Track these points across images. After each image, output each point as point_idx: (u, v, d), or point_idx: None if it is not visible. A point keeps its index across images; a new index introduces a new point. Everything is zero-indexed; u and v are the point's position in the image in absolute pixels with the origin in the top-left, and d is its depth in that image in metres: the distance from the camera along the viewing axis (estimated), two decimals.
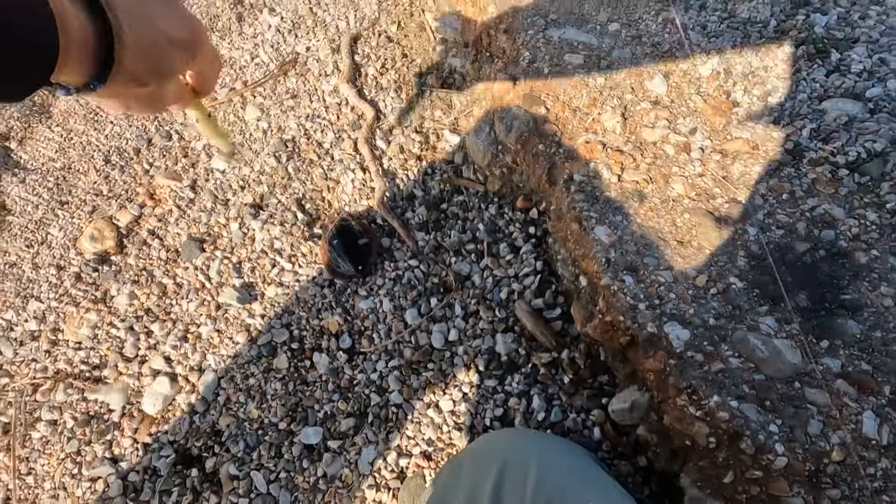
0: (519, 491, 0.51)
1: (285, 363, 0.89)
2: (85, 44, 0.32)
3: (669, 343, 0.67)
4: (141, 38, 0.35)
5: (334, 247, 0.93)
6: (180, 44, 0.40)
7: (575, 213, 0.81)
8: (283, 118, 1.19)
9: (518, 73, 1.01)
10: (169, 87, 0.43)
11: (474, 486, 0.55)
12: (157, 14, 0.37)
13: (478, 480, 0.55)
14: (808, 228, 0.79)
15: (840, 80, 0.96)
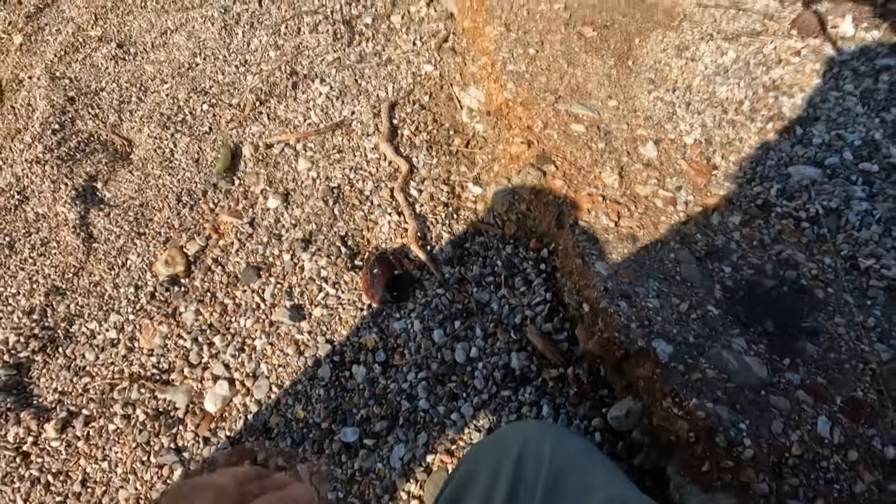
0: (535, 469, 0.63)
1: (328, 373, 1.04)
2: None
3: (656, 355, 0.81)
4: None
5: (374, 276, 1.09)
6: None
7: (579, 251, 0.98)
8: (330, 169, 1.40)
9: (532, 138, 1.22)
10: None
11: (495, 467, 0.66)
12: None
13: (498, 461, 0.67)
14: (774, 269, 0.94)
15: (803, 150, 1.14)
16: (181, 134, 1.51)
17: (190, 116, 1.55)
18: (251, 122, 1.51)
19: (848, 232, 0.98)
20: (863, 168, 1.09)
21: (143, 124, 1.53)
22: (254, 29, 1.75)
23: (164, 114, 1.55)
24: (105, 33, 1.80)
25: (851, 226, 0.99)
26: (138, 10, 1.87)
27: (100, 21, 1.84)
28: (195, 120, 1.54)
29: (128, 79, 1.66)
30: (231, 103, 1.56)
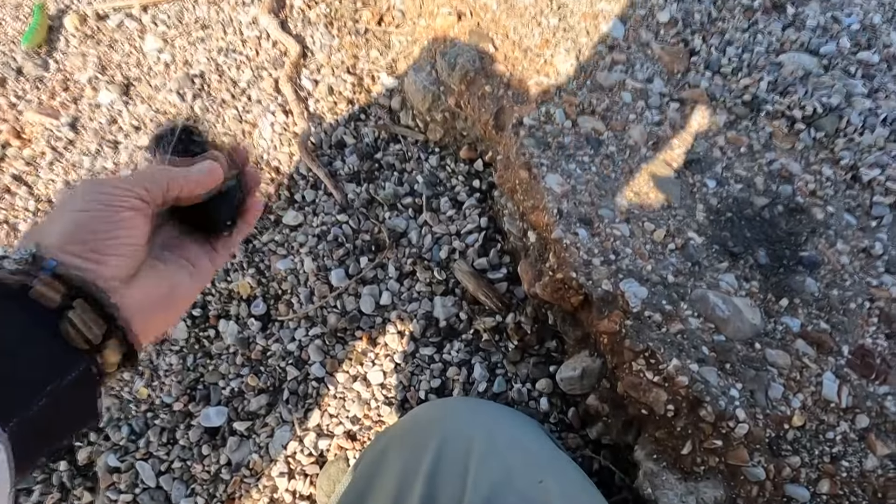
0: (459, 474, 0.42)
1: (184, 333, 0.75)
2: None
3: (626, 302, 0.60)
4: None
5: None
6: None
7: (524, 160, 0.72)
8: (190, 51, 1.01)
9: (464, 9, 0.90)
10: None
11: (406, 469, 0.45)
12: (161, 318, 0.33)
13: (411, 462, 0.45)
14: (766, 183, 0.74)
15: (796, 35, 0.92)
16: None
17: None
18: None
19: (849, 136, 0.79)
20: (861, 58, 0.89)
21: None
22: None
23: None
24: None
25: (853, 128, 0.79)
26: None
27: None
28: None
29: None
30: None
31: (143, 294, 0.30)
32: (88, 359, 0.27)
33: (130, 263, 0.30)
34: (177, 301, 0.34)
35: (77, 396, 0.27)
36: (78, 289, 0.27)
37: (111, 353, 0.28)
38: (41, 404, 0.25)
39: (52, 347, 0.26)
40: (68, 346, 0.27)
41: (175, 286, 0.33)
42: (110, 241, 0.29)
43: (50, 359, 0.26)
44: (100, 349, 0.28)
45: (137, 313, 0.30)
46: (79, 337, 0.27)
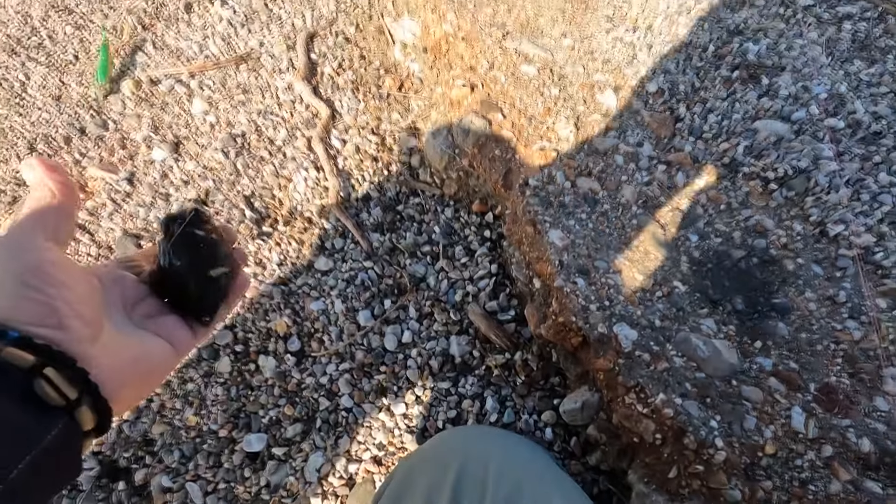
0: (479, 490, 0.50)
1: (228, 367, 0.85)
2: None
3: (619, 343, 0.69)
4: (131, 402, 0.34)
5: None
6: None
7: (530, 217, 0.83)
8: (232, 113, 1.15)
9: (476, 81, 1.03)
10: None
11: (431, 488, 0.53)
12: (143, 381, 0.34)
13: (435, 481, 0.54)
14: (742, 237, 0.84)
15: (770, 103, 1.03)
16: (36, 63, 1.19)
17: (48, 41, 1.22)
18: (132, 51, 1.21)
19: (817, 195, 0.89)
20: (829, 124, 1.00)
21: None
22: None
23: (13, 36, 1.21)
24: None
25: (821, 188, 0.90)
26: None
27: None
28: (55, 46, 1.22)
29: None
30: (105, 26, 1.23)
31: (112, 359, 0.30)
32: (67, 416, 0.27)
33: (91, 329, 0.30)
34: (149, 370, 0.33)
35: (57, 455, 0.27)
36: (46, 352, 0.27)
37: (86, 412, 0.28)
38: (20, 468, 0.24)
39: (27, 408, 0.26)
40: (45, 405, 0.26)
41: (146, 354, 0.33)
42: (68, 307, 0.28)
43: (28, 420, 0.26)
44: (77, 405, 0.28)
45: (107, 378, 0.29)
46: (55, 394, 0.26)
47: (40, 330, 0.27)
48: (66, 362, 0.27)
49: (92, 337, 0.29)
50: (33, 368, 0.26)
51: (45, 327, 0.27)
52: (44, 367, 0.26)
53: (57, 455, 0.26)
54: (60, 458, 0.27)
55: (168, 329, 0.35)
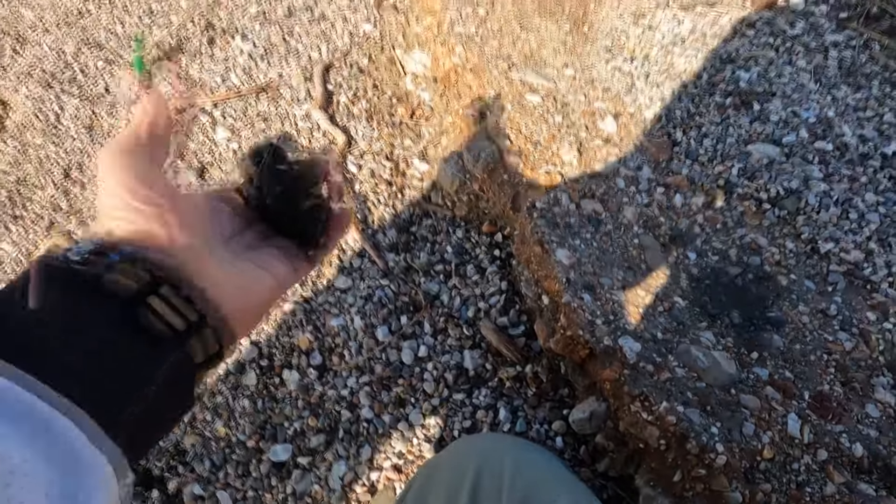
0: (496, 489, 0.55)
1: (254, 380, 0.90)
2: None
3: (624, 355, 0.74)
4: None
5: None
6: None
7: (537, 238, 0.88)
8: (254, 140, 1.21)
9: (484, 109, 1.10)
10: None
11: (451, 487, 0.58)
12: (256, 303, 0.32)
13: (454, 485, 0.58)
14: (738, 254, 0.89)
15: (762, 128, 1.10)
16: (69, 95, 1.27)
17: (81, 74, 1.30)
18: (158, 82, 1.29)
19: (807, 214, 0.95)
20: (818, 147, 1.07)
21: (21, 83, 1.27)
22: None
23: (48, 70, 1.29)
24: None
25: (811, 208, 0.95)
26: None
27: None
28: (87, 79, 1.30)
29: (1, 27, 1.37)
30: (132, 60, 1.32)
31: (219, 287, 0.28)
32: (177, 348, 0.25)
33: (201, 252, 0.28)
34: (255, 302, 0.31)
35: (169, 390, 0.25)
36: (155, 274, 0.24)
37: (199, 342, 0.26)
38: (131, 409, 0.23)
39: (134, 340, 0.24)
40: (154, 335, 0.24)
41: (250, 285, 0.30)
42: (178, 223, 0.26)
43: (136, 353, 0.24)
44: (188, 336, 0.25)
45: (220, 303, 0.27)
46: (162, 325, 0.24)
47: (149, 251, 0.24)
48: (178, 286, 0.25)
49: (201, 261, 0.27)
50: (139, 294, 0.23)
51: (153, 247, 0.25)
52: (151, 292, 0.24)
53: (168, 390, 0.24)
54: (172, 392, 0.25)
55: (266, 262, 0.32)
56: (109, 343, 0.23)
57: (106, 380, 0.22)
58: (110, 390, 0.22)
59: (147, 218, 0.25)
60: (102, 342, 0.23)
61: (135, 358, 0.24)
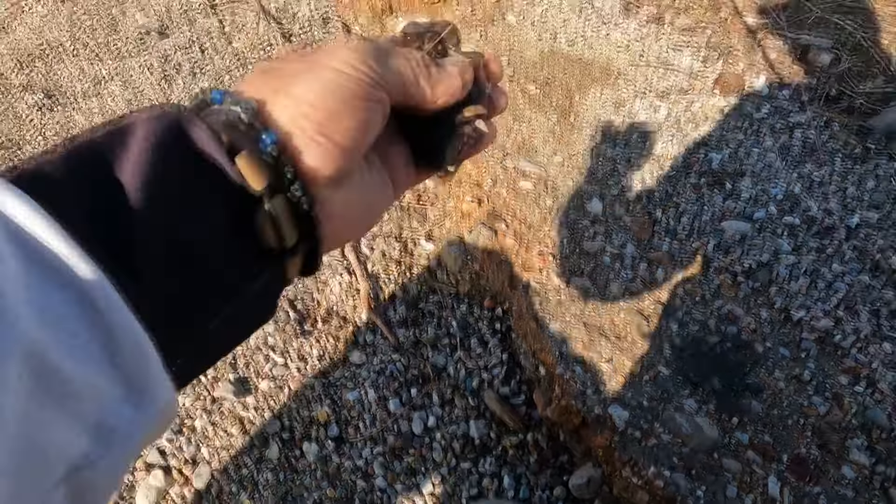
0: None
1: (276, 453, 0.97)
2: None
3: (613, 423, 0.81)
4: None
5: None
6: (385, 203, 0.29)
7: (532, 314, 0.98)
8: None
9: (482, 196, 1.23)
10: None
11: None
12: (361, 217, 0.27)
13: None
14: (717, 324, 0.98)
15: (734, 205, 1.21)
16: None
17: None
18: None
19: (779, 285, 1.04)
20: (787, 221, 1.17)
21: None
22: (195, 78, 1.70)
23: None
24: (30, 81, 1.69)
25: (782, 279, 1.05)
26: (69, 57, 1.78)
27: (24, 68, 1.73)
28: None
29: (55, 130, 1.56)
30: None
31: (344, 206, 0.24)
32: (278, 264, 0.22)
33: (352, 165, 0.24)
34: (366, 220, 0.28)
35: (256, 303, 0.22)
36: (289, 179, 0.21)
37: (297, 261, 0.23)
38: (218, 322, 0.20)
39: (233, 246, 0.21)
40: (258, 246, 0.21)
41: (373, 204, 0.27)
42: (347, 132, 0.22)
43: (233, 262, 0.21)
44: (292, 254, 0.22)
45: (331, 223, 0.24)
46: (274, 238, 0.21)
47: (303, 144, 0.21)
48: (302, 199, 0.21)
49: (342, 178, 0.23)
50: (261, 198, 0.20)
51: (312, 143, 0.21)
52: (274, 195, 0.20)
53: (255, 303, 0.22)
54: (258, 305, 0.23)
55: (395, 165, 0.29)
56: (208, 244, 0.19)
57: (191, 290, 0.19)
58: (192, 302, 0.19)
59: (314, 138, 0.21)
60: (200, 241, 0.19)
61: (232, 268, 0.20)
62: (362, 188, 0.26)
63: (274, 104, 0.22)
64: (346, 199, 0.24)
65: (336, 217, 0.24)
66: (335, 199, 0.23)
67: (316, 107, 0.21)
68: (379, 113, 0.24)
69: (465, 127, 0.28)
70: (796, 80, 1.60)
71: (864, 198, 1.24)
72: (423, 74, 0.25)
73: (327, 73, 0.22)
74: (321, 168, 0.22)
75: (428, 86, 0.25)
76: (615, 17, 1.84)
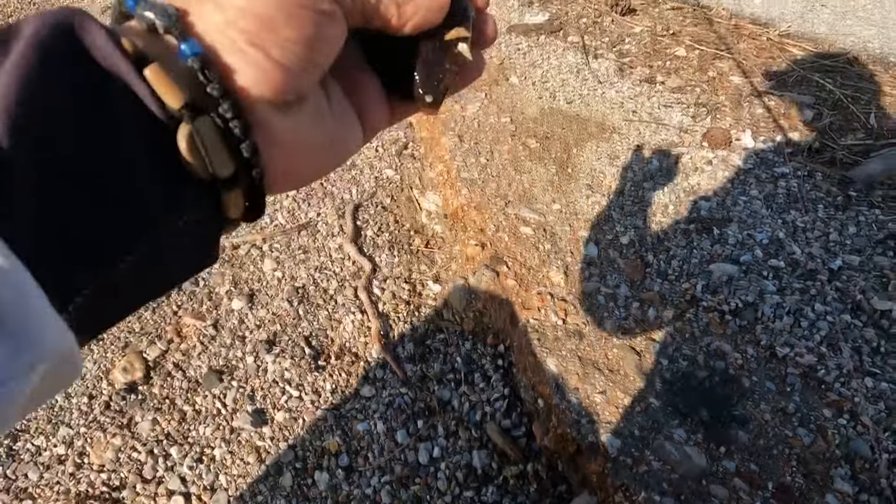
0: None
1: (290, 481, 1.02)
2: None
3: (606, 450, 0.87)
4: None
5: None
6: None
7: (531, 349, 1.05)
8: (295, 269, 1.46)
9: (485, 240, 1.33)
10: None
11: None
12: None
13: None
14: (705, 360, 1.04)
15: (721, 249, 1.30)
16: None
17: None
18: None
19: (765, 323, 1.11)
20: (772, 264, 1.25)
21: None
22: None
23: None
24: None
25: (767, 318, 1.11)
26: None
27: None
28: None
29: None
30: None
31: (295, 135, 0.21)
32: (211, 197, 0.20)
33: (299, 87, 0.20)
34: (329, 156, 0.24)
35: (183, 243, 0.20)
36: (215, 97, 0.18)
37: (237, 196, 0.20)
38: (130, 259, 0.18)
39: (155, 176, 0.18)
40: (184, 174, 0.19)
41: (336, 139, 0.24)
42: (286, 45, 0.19)
43: (154, 193, 0.18)
44: (228, 186, 0.20)
45: (280, 155, 0.21)
46: (200, 165, 0.19)
47: (234, 58, 0.18)
48: (233, 122, 0.19)
49: (289, 101, 0.20)
50: (181, 117, 0.18)
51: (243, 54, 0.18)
52: (199, 116, 0.18)
53: (183, 241, 0.19)
54: (188, 244, 0.20)
55: (367, 102, 0.26)
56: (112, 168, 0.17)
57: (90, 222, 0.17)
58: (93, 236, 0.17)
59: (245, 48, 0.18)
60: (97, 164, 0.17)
61: (148, 197, 0.18)
62: (319, 118, 0.22)
63: (198, 12, 0.18)
64: (297, 128, 0.21)
65: (286, 146, 0.21)
66: (283, 127, 0.21)
67: (246, 13, 0.18)
68: (329, 28, 0.20)
69: (449, 52, 0.24)
70: (780, 135, 1.72)
71: (846, 242, 1.32)
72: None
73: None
74: (254, 85, 0.19)
75: (393, 4, 0.21)
76: (610, 78, 2.00)
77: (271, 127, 0.20)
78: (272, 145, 0.20)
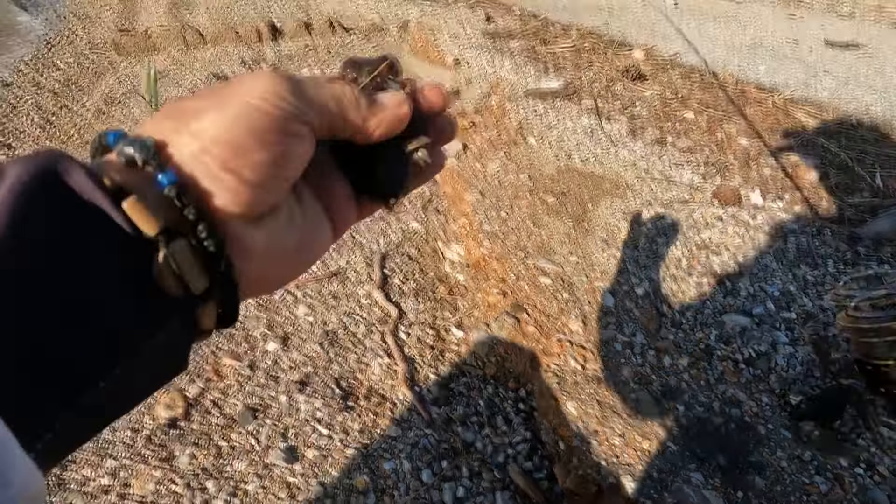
0: None
1: None
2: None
3: (626, 491, 0.90)
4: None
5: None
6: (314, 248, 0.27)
7: (551, 393, 1.11)
8: (326, 314, 1.54)
9: (506, 289, 1.41)
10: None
11: None
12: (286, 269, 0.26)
13: None
14: (721, 407, 1.08)
15: (733, 301, 1.35)
16: None
17: None
18: None
19: (778, 372, 1.14)
20: (783, 316, 1.30)
21: None
22: None
23: None
24: None
25: (780, 367, 1.15)
26: None
27: None
28: None
29: None
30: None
31: (267, 245, 0.23)
32: (184, 311, 0.20)
33: (269, 201, 0.22)
34: (302, 259, 0.26)
35: (159, 359, 0.20)
36: (192, 221, 0.20)
37: (211, 309, 0.21)
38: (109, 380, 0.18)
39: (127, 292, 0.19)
40: (158, 293, 0.19)
41: (306, 242, 0.25)
42: (258, 167, 0.21)
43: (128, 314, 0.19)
44: (203, 301, 0.21)
45: (254, 264, 0.22)
46: (175, 285, 0.20)
47: (207, 182, 0.20)
48: (207, 241, 0.20)
49: (261, 213, 0.22)
50: (157, 243, 0.19)
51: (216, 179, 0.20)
52: (175, 239, 0.19)
53: (157, 359, 0.20)
54: (162, 361, 0.21)
55: (336, 203, 0.27)
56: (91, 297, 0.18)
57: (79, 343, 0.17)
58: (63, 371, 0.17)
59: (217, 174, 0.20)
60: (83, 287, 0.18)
61: (126, 319, 0.19)
62: (290, 223, 0.24)
63: (175, 143, 0.20)
64: (269, 236, 0.23)
65: (259, 256, 0.22)
66: (256, 238, 0.22)
67: (219, 142, 0.20)
68: (299, 147, 0.22)
69: (410, 157, 0.27)
70: (788, 193, 1.81)
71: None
72: (352, 107, 0.24)
73: (235, 107, 0.21)
74: (229, 206, 0.20)
75: (359, 118, 0.24)
76: (623, 139, 2.14)
77: (245, 239, 0.22)
78: (246, 257, 0.22)
